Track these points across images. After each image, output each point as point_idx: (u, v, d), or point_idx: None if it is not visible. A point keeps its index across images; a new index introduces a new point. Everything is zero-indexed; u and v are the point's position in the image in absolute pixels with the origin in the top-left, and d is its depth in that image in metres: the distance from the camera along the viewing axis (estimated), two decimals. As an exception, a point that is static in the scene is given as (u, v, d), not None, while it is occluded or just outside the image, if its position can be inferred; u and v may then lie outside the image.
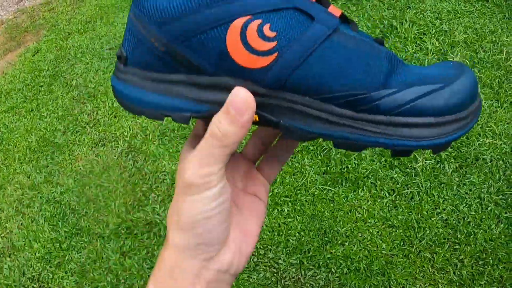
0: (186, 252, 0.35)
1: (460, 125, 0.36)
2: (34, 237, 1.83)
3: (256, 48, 0.34)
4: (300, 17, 0.34)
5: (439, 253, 1.47)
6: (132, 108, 0.38)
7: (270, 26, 0.34)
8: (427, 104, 0.35)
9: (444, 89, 0.35)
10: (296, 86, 0.35)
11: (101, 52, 2.75)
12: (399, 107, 0.35)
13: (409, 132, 0.35)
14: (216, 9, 0.33)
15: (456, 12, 2.35)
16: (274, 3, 0.33)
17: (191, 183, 0.33)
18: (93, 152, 2.10)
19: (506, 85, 1.93)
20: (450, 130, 0.36)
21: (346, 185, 1.69)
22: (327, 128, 0.36)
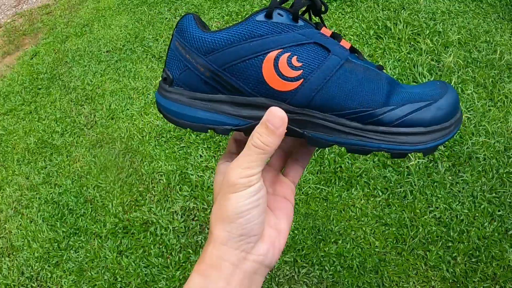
0: (228, 243, 0.41)
1: (445, 133, 0.47)
2: (33, 237, 1.85)
3: (286, 75, 0.44)
4: (319, 50, 0.44)
5: (432, 250, 1.49)
6: (179, 122, 0.47)
7: (297, 58, 0.44)
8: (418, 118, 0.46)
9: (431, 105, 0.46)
10: (318, 105, 0.45)
11: (98, 55, 2.77)
12: (397, 120, 0.45)
13: (405, 139, 0.46)
14: (254, 43, 0.43)
15: (451, 12, 2.37)
16: (299, 39, 0.44)
17: (236, 183, 0.41)
18: (91, 153, 2.12)
19: (499, 84, 1.95)
20: (437, 137, 0.46)
21: (340, 184, 1.70)
22: (341, 137, 0.46)
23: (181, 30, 0.46)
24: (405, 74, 2.03)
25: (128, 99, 2.36)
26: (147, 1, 3.19)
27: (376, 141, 0.46)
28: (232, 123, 0.46)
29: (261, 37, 0.43)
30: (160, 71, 2.49)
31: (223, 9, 2.80)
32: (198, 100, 0.46)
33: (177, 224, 1.71)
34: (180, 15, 2.90)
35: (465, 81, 1.97)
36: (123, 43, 2.80)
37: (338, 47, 0.45)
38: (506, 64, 2.03)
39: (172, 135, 2.06)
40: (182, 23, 0.46)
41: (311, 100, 0.44)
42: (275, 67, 0.43)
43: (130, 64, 2.60)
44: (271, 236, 0.44)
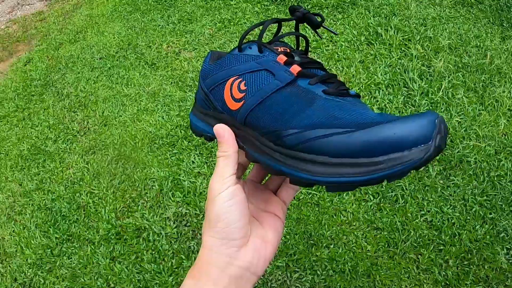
0: (214, 248, 0.45)
1: (361, 171, 0.40)
2: (26, 244, 1.85)
3: (235, 97, 0.51)
4: (267, 76, 0.49)
5: (424, 254, 1.49)
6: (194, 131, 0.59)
7: (245, 82, 0.50)
8: (325, 145, 0.41)
9: (349, 133, 0.40)
10: (249, 123, 0.49)
11: (92, 62, 2.77)
12: (299, 143, 0.43)
13: (305, 166, 0.42)
14: (224, 71, 0.53)
15: (441, 18, 2.39)
16: (254, 67, 0.51)
17: (212, 188, 0.46)
18: (84, 160, 2.12)
19: (490, 88, 1.97)
20: (346, 172, 0.40)
21: (332, 189, 1.71)
22: (259, 155, 0.48)
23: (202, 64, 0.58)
24: (396, 79, 2.04)
25: (121, 105, 2.36)
26: (140, 8, 3.21)
27: (279, 162, 0.45)
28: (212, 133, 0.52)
29: (230, 67, 0.53)
30: (153, 77, 2.50)
31: (216, 17, 2.82)
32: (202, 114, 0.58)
33: (170, 230, 1.71)
34: (173, 22, 2.92)
35: (456, 85, 1.98)
36: (116, 50, 2.81)
37: (283, 72, 0.49)
38: (496, 68, 2.05)
39: (164, 141, 2.06)
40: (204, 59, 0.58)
41: (245, 118, 0.50)
42: (230, 90, 0.52)
43: (123, 71, 2.60)
44: (257, 245, 0.47)
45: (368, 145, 0.39)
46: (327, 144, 0.41)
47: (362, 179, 0.40)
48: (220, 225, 0.45)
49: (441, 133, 0.39)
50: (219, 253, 0.45)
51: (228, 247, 0.45)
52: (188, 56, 2.56)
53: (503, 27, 2.33)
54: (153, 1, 3.25)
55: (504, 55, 2.12)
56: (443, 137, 0.39)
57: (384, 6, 2.51)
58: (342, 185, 0.41)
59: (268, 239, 0.49)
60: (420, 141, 0.38)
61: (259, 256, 0.47)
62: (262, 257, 0.47)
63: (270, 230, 0.50)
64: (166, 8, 3.11)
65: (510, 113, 1.87)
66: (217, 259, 0.45)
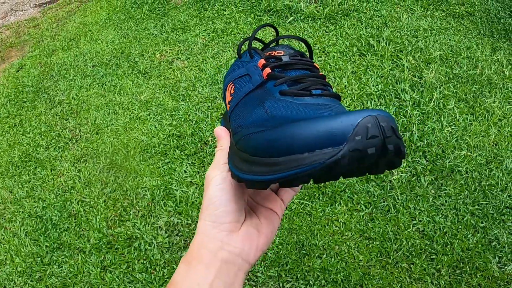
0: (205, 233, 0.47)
1: (264, 170, 0.39)
2: (16, 252, 1.83)
3: (227, 100, 0.54)
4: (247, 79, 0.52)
5: (416, 263, 1.50)
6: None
7: (234, 87, 0.53)
8: (247, 143, 0.43)
9: (262, 132, 0.41)
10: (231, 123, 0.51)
11: (84, 70, 2.76)
12: (238, 141, 0.46)
13: (237, 163, 0.44)
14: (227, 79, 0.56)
15: (432, 29, 2.42)
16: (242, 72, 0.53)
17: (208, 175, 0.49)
18: (75, 167, 2.11)
19: (480, 99, 1.99)
20: (256, 171, 0.40)
21: (323, 200, 1.71)
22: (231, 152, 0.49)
23: None
24: (388, 90, 2.06)
25: (113, 114, 2.35)
26: (134, 16, 3.21)
27: (230, 159, 0.47)
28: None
29: (230, 73, 0.56)
30: (146, 86, 2.49)
31: (209, 26, 2.83)
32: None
33: (161, 239, 1.70)
34: (166, 31, 2.92)
35: (447, 96, 2.00)
36: (109, 58, 2.80)
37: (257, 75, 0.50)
38: (487, 79, 2.08)
39: (156, 150, 2.06)
40: None
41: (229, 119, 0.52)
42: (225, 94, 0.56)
43: (115, 79, 2.60)
44: (250, 233, 0.48)
45: (270, 145, 0.39)
46: (248, 142, 0.43)
47: (264, 179, 0.39)
48: (211, 207, 0.47)
49: (364, 135, 0.35)
50: (211, 237, 0.46)
51: (219, 230, 0.46)
52: (181, 65, 2.56)
53: (494, 38, 2.36)
54: (147, 10, 3.26)
55: (495, 66, 2.15)
56: (370, 140, 0.35)
57: (376, 17, 2.54)
58: (254, 183, 0.40)
59: (262, 229, 0.50)
60: (326, 143, 0.36)
61: (251, 244, 0.48)
62: (254, 246, 0.48)
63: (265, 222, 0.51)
64: (159, 17, 3.12)
65: (500, 123, 1.89)
66: (209, 242, 0.46)
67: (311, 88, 0.47)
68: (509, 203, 1.61)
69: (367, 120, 0.36)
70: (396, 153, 0.37)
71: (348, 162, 0.36)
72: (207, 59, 2.54)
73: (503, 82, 2.06)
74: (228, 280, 0.45)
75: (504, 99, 1.99)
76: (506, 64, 2.16)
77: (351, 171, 0.38)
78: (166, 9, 3.19)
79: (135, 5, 3.38)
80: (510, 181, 1.67)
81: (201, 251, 0.46)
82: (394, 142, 0.36)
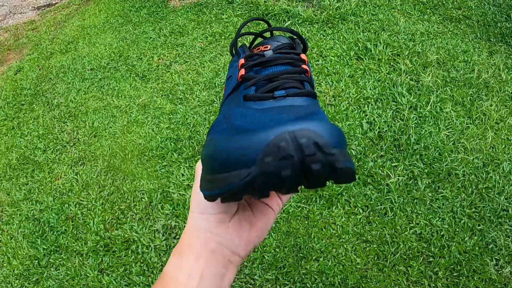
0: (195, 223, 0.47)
1: (206, 185, 0.38)
2: (13, 254, 1.82)
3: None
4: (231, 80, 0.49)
5: (414, 266, 1.50)
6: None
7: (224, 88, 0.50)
8: (202, 151, 0.41)
9: (204, 146, 0.40)
10: None
11: (82, 73, 2.77)
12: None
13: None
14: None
15: (429, 33, 2.43)
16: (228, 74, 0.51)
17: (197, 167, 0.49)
18: (73, 170, 2.11)
19: (477, 102, 2.00)
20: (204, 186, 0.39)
21: (321, 203, 1.72)
22: None
23: None
24: (385, 94, 2.06)
25: (111, 117, 2.35)
26: (132, 20, 3.22)
27: None
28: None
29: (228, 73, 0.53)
30: (144, 90, 2.50)
31: (207, 30, 2.83)
32: None
33: (159, 242, 1.70)
34: (164, 34, 2.93)
35: (444, 99, 2.01)
36: (107, 61, 2.81)
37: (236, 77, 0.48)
38: (484, 82, 2.08)
39: (154, 153, 2.06)
40: None
41: None
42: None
43: (113, 83, 2.60)
44: (241, 226, 0.48)
45: (206, 160, 0.38)
46: (202, 152, 0.41)
47: (206, 194, 0.38)
48: (199, 198, 0.46)
49: (275, 156, 0.32)
50: (200, 228, 0.46)
51: (207, 221, 0.46)
52: (179, 69, 2.57)
53: (491, 42, 2.37)
54: (145, 13, 3.26)
55: (491, 69, 2.15)
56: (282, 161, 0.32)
57: (374, 21, 2.55)
58: (206, 197, 0.39)
59: (255, 223, 0.49)
60: (240, 164, 0.33)
61: (241, 237, 0.47)
62: (245, 239, 0.47)
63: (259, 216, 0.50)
64: (157, 20, 3.12)
65: (497, 126, 1.89)
66: (198, 233, 0.46)
67: (277, 89, 0.44)
68: (506, 206, 1.61)
69: (281, 138, 0.32)
70: (330, 172, 0.33)
71: (263, 184, 0.33)
72: (205, 63, 2.54)
73: (500, 86, 2.07)
74: (217, 271, 0.45)
75: (501, 102, 2.00)
76: (503, 67, 2.17)
77: (281, 186, 0.33)
78: (164, 13, 3.20)
79: (133, 9, 3.38)
80: (507, 184, 1.68)
81: (191, 242, 0.46)
82: (321, 160, 0.32)
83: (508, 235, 1.54)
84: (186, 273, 0.44)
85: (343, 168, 0.33)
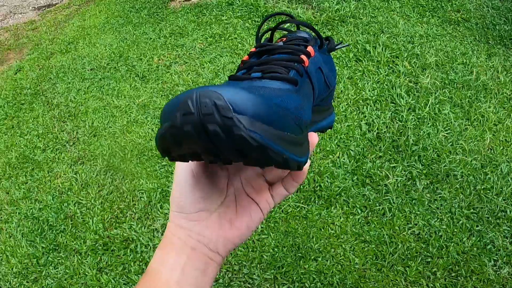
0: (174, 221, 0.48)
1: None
2: (12, 252, 1.82)
3: None
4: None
5: (412, 266, 1.50)
6: None
7: None
8: None
9: None
10: None
11: (82, 73, 2.77)
12: None
13: None
14: None
15: (428, 36, 2.44)
16: None
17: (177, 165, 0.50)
18: (72, 170, 2.11)
19: (475, 104, 2.00)
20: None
21: (319, 203, 1.72)
22: None
23: None
24: (384, 95, 2.07)
25: (111, 117, 2.36)
26: (132, 21, 3.23)
27: None
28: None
29: None
30: (143, 90, 2.50)
31: (207, 31, 2.84)
32: None
33: (158, 242, 1.71)
34: (165, 35, 2.94)
35: (442, 101, 2.02)
36: (107, 62, 2.81)
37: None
38: (482, 84, 2.09)
39: (153, 153, 2.06)
40: None
41: None
42: None
43: (113, 83, 2.61)
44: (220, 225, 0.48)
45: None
46: None
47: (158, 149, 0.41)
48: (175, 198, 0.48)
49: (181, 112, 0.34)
50: (179, 226, 0.47)
51: (186, 220, 0.47)
52: (178, 70, 2.57)
53: (489, 45, 2.38)
54: (145, 14, 3.27)
55: (490, 71, 2.17)
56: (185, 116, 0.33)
57: (373, 23, 2.56)
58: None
59: (235, 223, 0.49)
60: (165, 118, 0.36)
61: (219, 235, 0.47)
62: (222, 237, 0.48)
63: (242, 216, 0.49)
64: (158, 21, 3.13)
65: (495, 127, 1.90)
66: (179, 231, 0.47)
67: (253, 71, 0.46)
68: (504, 207, 1.62)
69: (189, 96, 0.33)
70: (228, 138, 0.33)
71: (172, 137, 0.35)
72: (205, 64, 2.55)
73: (498, 88, 2.08)
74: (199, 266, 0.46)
75: (499, 104, 2.01)
76: (501, 70, 2.18)
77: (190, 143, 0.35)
78: (164, 14, 3.21)
79: (133, 10, 3.39)
80: (505, 185, 1.69)
81: (173, 240, 0.47)
82: (216, 121, 0.33)
83: (506, 236, 1.54)
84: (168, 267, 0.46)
85: (243, 136, 0.33)
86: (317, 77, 0.50)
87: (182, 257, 0.46)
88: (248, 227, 0.49)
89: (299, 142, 0.40)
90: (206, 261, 0.47)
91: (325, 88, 0.53)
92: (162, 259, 0.46)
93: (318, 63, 0.51)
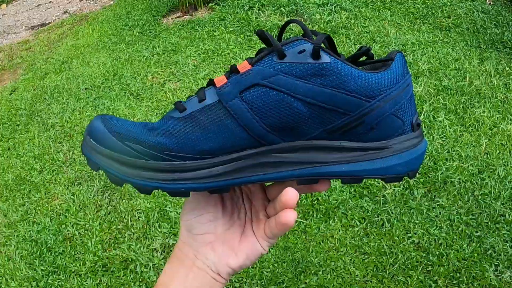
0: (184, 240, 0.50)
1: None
2: (11, 276, 1.81)
3: None
4: None
5: (413, 276, 1.50)
6: None
7: None
8: None
9: None
10: None
11: (77, 92, 2.78)
12: None
13: None
14: None
15: (420, 43, 2.45)
16: None
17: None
18: (69, 191, 2.11)
19: (470, 109, 2.01)
20: None
21: (318, 216, 1.72)
22: None
23: None
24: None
25: (107, 135, 2.36)
26: (125, 39, 3.24)
27: None
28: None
29: None
30: (138, 109, 2.51)
31: (200, 47, 2.86)
32: None
33: (157, 261, 1.70)
34: (158, 53, 2.95)
35: (437, 108, 2.03)
36: (102, 81, 2.82)
37: None
38: (476, 89, 2.10)
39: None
40: None
41: None
42: None
43: (108, 102, 2.61)
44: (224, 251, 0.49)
45: None
46: None
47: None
48: (185, 216, 0.50)
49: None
50: (188, 245, 0.50)
51: (193, 240, 0.49)
52: (172, 87, 2.58)
53: (481, 49, 2.40)
54: (138, 32, 3.29)
55: (483, 76, 2.18)
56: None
57: (365, 33, 2.58)
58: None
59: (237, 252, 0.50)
60: None
61: (221, 260, 0.49)
62: (224, 263, 0.49)
63: (245, 247, 0.50)
64: (151, 39, 3.15)
65: (491, 132, 1.91)
66: (187, 249, 0.50)
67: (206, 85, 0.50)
68: (503, 211, 1.62)
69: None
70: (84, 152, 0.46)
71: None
72: (199, 80, 2.56)
73: (492, 92, 2.09)
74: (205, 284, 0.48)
75: (493, 108, 2.02)
76: (494, 73, 2.19)
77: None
78: (157, 31, 3.22)
79: (126, 28, 3.41)
80: (502, 189, 1.69)
81: (181, 256, 0.50)
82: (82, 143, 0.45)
83: (506, 240, 1.54)
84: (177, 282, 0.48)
85: (84, 153, 0.45)
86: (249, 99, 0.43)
87: (190, 274, 0.48)
88: (248, 258, 0.50)
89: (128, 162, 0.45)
90: (211, 281, 0.49)
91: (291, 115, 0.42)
92: (172, 274, 0.49)
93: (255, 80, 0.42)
